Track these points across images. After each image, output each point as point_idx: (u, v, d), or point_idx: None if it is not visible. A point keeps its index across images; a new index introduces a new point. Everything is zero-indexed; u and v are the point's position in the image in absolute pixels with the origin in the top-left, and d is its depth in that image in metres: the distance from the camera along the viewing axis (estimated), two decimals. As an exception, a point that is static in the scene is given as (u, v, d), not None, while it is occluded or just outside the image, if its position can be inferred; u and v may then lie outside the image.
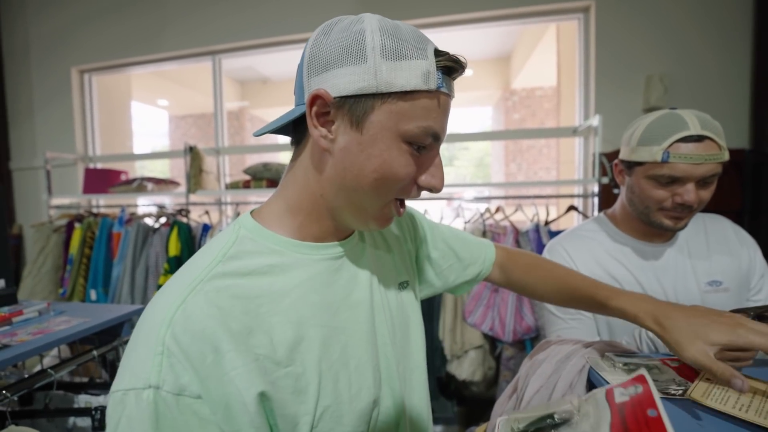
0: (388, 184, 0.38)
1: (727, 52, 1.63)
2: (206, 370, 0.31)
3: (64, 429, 0.84)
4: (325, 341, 0.38)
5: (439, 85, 0.36)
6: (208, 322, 0.33)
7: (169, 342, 0.31)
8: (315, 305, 0.39)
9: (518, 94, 5.21)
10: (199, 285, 0.35)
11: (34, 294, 2.09)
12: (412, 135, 0.37)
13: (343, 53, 0.35)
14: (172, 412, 0.30)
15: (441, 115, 0.38)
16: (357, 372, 0.40)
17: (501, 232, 1.61)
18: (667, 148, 0.68)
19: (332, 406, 0.37)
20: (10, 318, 0.84)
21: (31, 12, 2.49)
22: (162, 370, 0.30)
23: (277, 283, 0.38)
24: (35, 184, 2.49)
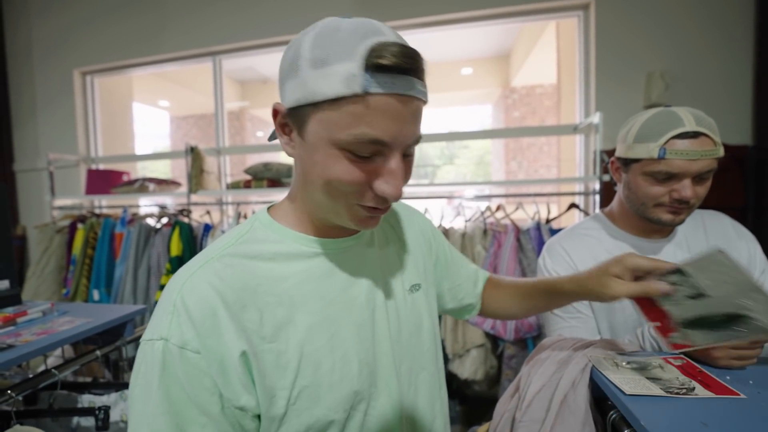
0: (337, 188, 0.38)
1: (729, 47, 1.62)
2: (205, 330, 0.36)
3: (68, 428, 0.85)
4: (312, 327, 0.41)
5: (366, 87, 0.33)
6: (210, 291, 0.38)
7: (178, 304, 0.37)
8: (308, 294, 0.42)
9: (518, 92, 5.19)
10: (210, 261, 0.40)
11: (37, 294, 2.10)
12: (345, 143, 0.36)
13: (289, 68, 0.38)
14: (175, 361, 0.35)
15: (379, 118, 0.35)
16: (342, 361, 0.42)
17: (502, 231, 1.61)
18: (663, 145, 0.68)
19: (310, 387, 0.39)
20: (15, 318, 0.84)
21: (34, 14, 2.50)
22: (171, 326, 0.36)
23: (278, 269, 0.42)
24: (38, 186, 2.50)
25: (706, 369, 0.59)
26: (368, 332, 0.45)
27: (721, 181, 1.69)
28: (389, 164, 0.38)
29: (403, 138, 0.37)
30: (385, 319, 0.47)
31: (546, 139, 5.27)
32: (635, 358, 0.63)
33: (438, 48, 4.00)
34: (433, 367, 0.53)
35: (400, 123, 0.36)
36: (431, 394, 0.51)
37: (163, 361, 0.35)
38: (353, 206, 0.40)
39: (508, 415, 0.67)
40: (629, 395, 0.52)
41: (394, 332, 0.48)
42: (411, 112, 0.36)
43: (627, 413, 0.52)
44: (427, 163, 8.74)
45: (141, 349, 0.37)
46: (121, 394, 0.87)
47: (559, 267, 0.82)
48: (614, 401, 0.55)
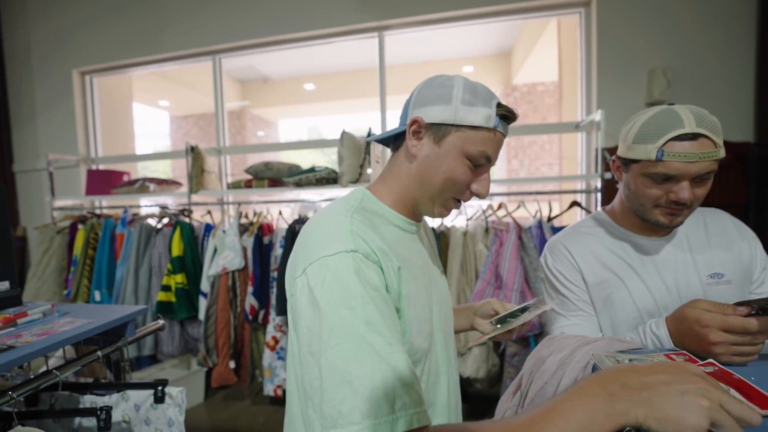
0: (450, 184, 0.56)
1: (731, 44, 1.61)
2: (377, 249, 0.49)
3: (70, 429, 0.85)
4: (409, 278, 0.53)
5: (496, 125, 0.55)
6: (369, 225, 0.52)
7: (355, 229, 0.49)
8: (405, 254, 0.55)
9: (519, 90, 5.18)
10: (354, 211, 0.53)
11: (38, 295, 2.10)
12: (472, 154, 0.55)
13: (438, 97, 0.55)
14: (366, 266, 0.47)
15: (495, 145, 0.56)
16: (424, 307, 0.55)
17: (504, 229, 1.61)
18: (661, 147, 0.67)
19: (414, 319, 0.52)
20: (15, 319, 0.84)
21: (32, 15, 2.49)
22: (356, 242, 0.48)
23: (383, 232, 0.54)
24: (38, 186, 2.50)
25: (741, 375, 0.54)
26: (428, 298, 0.58)
27: (722, 179, 1.69)
28: (485, 174, 0.58)
29: (496, 159, 0.58)
30: (434, 287, 0.62)
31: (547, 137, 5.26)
32: (637, 356, 0.62)
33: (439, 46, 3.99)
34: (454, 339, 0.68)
35: (499, 150, 0.58)
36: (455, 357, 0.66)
37: (357, 266, 0.46)
38: (449, 198, 0.58)
39: (510, 413, 0.66)
40: None
41: (439, 300, 0.61)
42: (502, 145, 0.58)
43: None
44: (427, 161, 8.73)
45: (321, 266, 0.46)
46: (123, 394, 0.87)
47: (561, 266, 0.82)
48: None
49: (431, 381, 0.56)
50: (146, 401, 0.86)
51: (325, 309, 0.43)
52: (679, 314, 0.65)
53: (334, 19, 1.99)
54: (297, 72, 4.78)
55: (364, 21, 1.98)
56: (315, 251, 0.48)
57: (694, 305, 0.63)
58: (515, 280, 1.53)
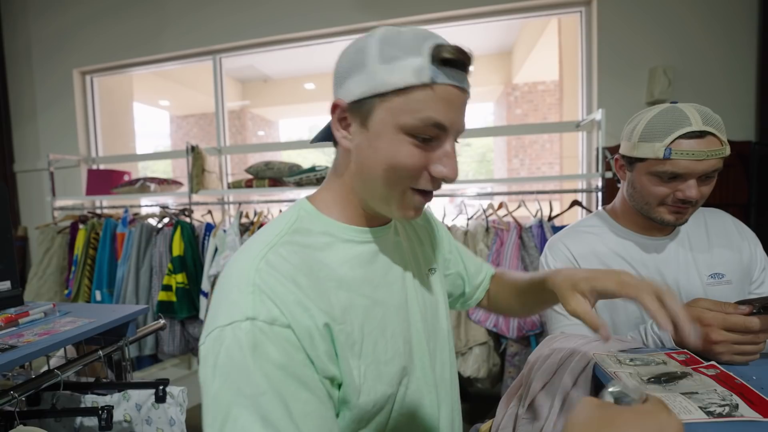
0: (396, 173, 0.42)
1: (732, 43, 1.61)
2: (290, 304, 0.38)
3: (72, 428, 0.85)
4: (368, 310, 0.44)
5: (433, 77, 0.39)
6: (288, 269, 0.40)
7: (259, 282, 0.38)
8: (360, 278, 0.45)
9: (520, 89, 5.18)
10: (274, 246, 0.42)
11: (39, 295, 2.11)
12: (411, 126, 0.41)
13: (352, 66, 0.42)
14: (267, 338, 0.35)
15: (442, 105, 0.40)
16: (392, 340, 0.46)
17: (504, 228, 1.61)
18: (669, 145, 0.67)
19: (372, 365, 0.43)
20: (17, 319, 0.84)
21: (33, 14, 2.49)
22: (255, 305, 0.37)
23: (330, 257, 0.45)
24: (39, 186, 2.50)
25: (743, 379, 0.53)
26: (404, 312, 0.49)
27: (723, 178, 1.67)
28: (445, 147, 0.43)
29: (457, 125, 0.43)
30: (415, 299, 0.52)
31: (548, 136, 5.25)
32: (638, 355, 0.62)
33: (438, 45, 3.98)
34: (451, 343, 0.58)
35: (456, 111, 0.42)
36: (449, 371, 0.56)
37: (253, 341, 0.35)
38: (406, 192, 0.44)
39: (510, 412, 0.66)
40: None
41: (423, 312, 0.52)
42: (463, 103, 0.43)
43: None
44: (428, 161, 8.72)
45: (217, 337, 0.36)
46: (124, 394, 0.87)
47: (561, 264, 0.82)
48: (618, 399, 0.55)
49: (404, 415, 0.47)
50: (147, 401, 0.87)
51: (216, 399, 0.34)
52: None
53: (334, 18, 1.99)
54: (297, 71, 4.78)
55: (365, 21, 1.98)
56: (213, 316, 0.38)
57: (695, 304, 0.63)
58: (516, 280, 1.53)
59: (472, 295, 0.71)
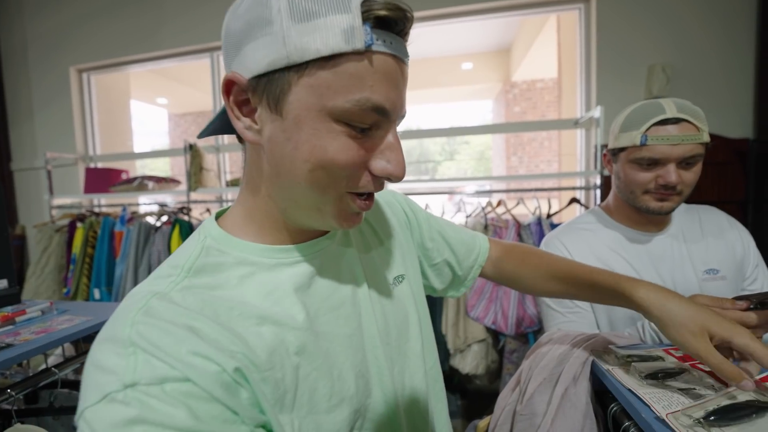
0: (328, 174, 0.32)
1: (731, 40, 1.61)
2: (185, 356, 0.27)
3: (70, 427, 0.85)
4: (304, 347, 0.34)
5: (368, 42, 0.29)
6: (177, 313, 0.30)
7: (136, 339, 0.27)
8: (290, 310, 0.35)
9: (519, 87, 5.17)
10: (160, 295, 0.31)
11: (38, 294, 2.10)
12: (344, 111, 0.30)
13: (251, 25, 0.30)
14: (160, 400, 0.25)
15: (382, 81, 0.30)
16: (339, 381, 0.36)
17: (503, 226, 1.61)
18: (645, 132, 0.71)
19: (309, 417, 0.33)
20: (14, 317, 0.84)
21: (29, 12, 2.48)
22: (136, 367, 0.26)
23: (250, 293, 0.34)
24: (36, 185, 2.49)
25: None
26: (358, 340, 0.39)
27: (721, 175, 1.69)
28: (388, 138, 0.33)
29: (400, 108, 0.33)
30: (372, 321, 0.41)
31: (547, 133, 5.26)
32: (636, 351, 0.62)
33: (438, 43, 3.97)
34: (427, 365, 0.48)
35: (398, 90, 0.32)
36: (427, 390, 0.47)
37: (139, 412, 0.25)
38: (343, 197, 0.34)
39: (509, 408, 0.66)
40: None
41: (383, 333, 0.42)
42: (405, 80, 0.33)
43: (628, 406, 0.51)
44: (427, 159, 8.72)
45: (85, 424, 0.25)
46: (122, 391, 0.87)
47: None
48: (615, 394, 0.55)
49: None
50: (146, 398, 0.86)
51: None
52: None
53: (332, 15, 1.98)
54: (295, 69, 4.76)
55: (363, 17, 1.97)
56: (83, 396, 0.27)
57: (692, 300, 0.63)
58: (514, 277, 1.53)
59: (466, 276, 0.63)
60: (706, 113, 0.73)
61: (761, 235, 0.83)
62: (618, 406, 0.55)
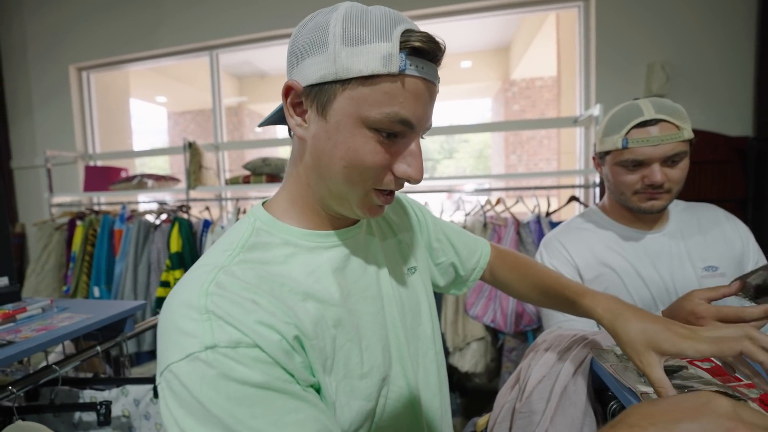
0: (357, 171, 0.38)
1: (730, 38, 1.61)
2: (253, 324, 0.33)
3: (70, 424, 0.85)
4: (340, 321, 0.41)
5: (402, 68, 0.35)
6: (242, 287, 0.35)
7: (213, 307, 0.33)
8: (329, 288, 0.41)
9: (518, 85, 5.16)
10: (225, 267, 0.37)
11: (38, 292, 2.10)
12: (376, 121, 0.36)
13: (311, 44, 0.37)
14: (236, 361, 0.31)
15: (410, 99, 0.36)
16: (368, 352, 0.42)
17: (502, 224, 1.61)
18: (625, 135, 0.73)
19: (344, 381, 0.39)
20: (14, 315, 0.84)
21: (28, 10, 2.47)
22: (214, 331, 0.32)
23: (295, 270, 0.41)
24: (36, 183, 2.49)
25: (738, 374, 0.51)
26: (382, 318, 0.46)
27: (721, 173, 1.69)
28: (411, 147, 0.39)
29: (425, 122, 0.39)
30: (392, 304, 0.48)
31: (546, 132, 5.25)
32: (635, 349, 0.62)
33: (437, 41, 3.96)
34: (436, 348, 0.54)
35: (425, 107, 0.38)
36: (436, 373, 0.52)
37: (221, 370, 0.30)
38: (369, 192, 0.40)
39: (508, 406, 0.67)
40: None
41: (401, 315, 0.49)
42: (432, 98, 0.39)
43: (627, 403, 0.52)
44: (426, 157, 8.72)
45: (173, 377, 0.31)
46: (122, 389, 0.87)
47: (557, 261, 0.83)
48: (615, 392, 0.55)
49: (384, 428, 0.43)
50: (146, 396, 0.87)
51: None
52: (675, 307, 0.66)
53: (332, 13, 1.97)
54: (295, 67, 4.75)
55: (362, 15, 1.97)
56: (164, 352, 0.33)
57: (689, 297, 0.64)
58: (514, 275, 1.53)
59: (468, 277, 0.68)
60: (706, 111, 0.73)
61: (761, 233, 0.83)
62: (617, 403, 0.56)
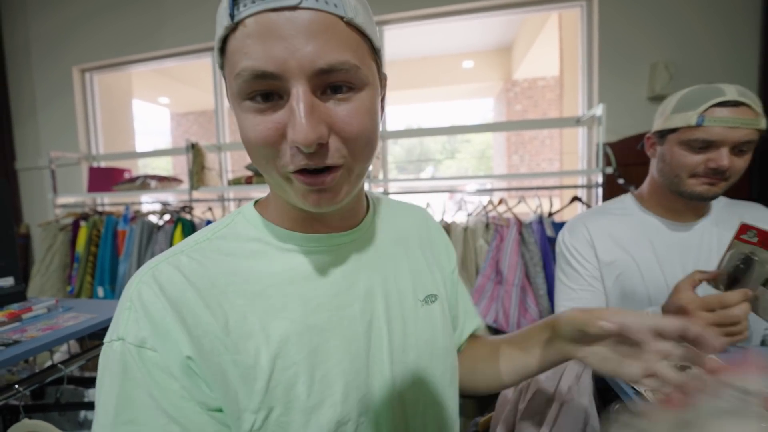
0: (254, 152, 0.32)
1: (734, 37, 1.60)
2: (163, 327, 0.31)
3: (76, 422, 0.86)
4: (289, 338, 0.34)
5: (232, 12, 0.28)
6: (171, 286, 0.33)
7: (135, 298, 0.33)
8: (289, 297, 0.36)
9: (520, 85, 5.16)
10: (177, 254, 0.36)
11: (43, 292, 2.12)
12: (238, 90, 0.29)
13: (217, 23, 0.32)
14: (135, 361, 0.31)
15: (257, 43, 0.28)
16: (322, 383, 0.34)
17: (504, 225, 1.61)
18: (702, 113, 0.68)
19: (277, 411, 0.33)
20: (20, 315, 0.85)
21: (31, 12, 2.49)
22: (128, 323, 0.32)
23: (256, 268, 0.36)
24: (40, 184, 2.51)
25: None
26: (361, 348, 0.37)
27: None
28: (290, 103, 0.29)
29: (298, 61, 0.28)
30: (385, 333, 0.39)
31: (548, 132, 5.24)
32: (638, 349, 0.62)
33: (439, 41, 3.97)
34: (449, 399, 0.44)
35: (286, 42, 0.27)
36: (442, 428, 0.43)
37: (123, 363, 0.31)
38: (288, 176, 0.32)
39: (511, 406, 0.67)
40: None
41: (398, 351, 0.40)
42: (303, 27, 0.27)
43: (630, 402, 0.52)
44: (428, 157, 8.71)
45: (102, 353, 0.33)
46: (127, 388, 0.88)
47: (577, 242, 0.84)
48: (617, 391, 0.55)
49: None
50: (150, 395, 0.87)
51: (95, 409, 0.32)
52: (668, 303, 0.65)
53: (333, 14, 1.97)
54: (297, 68, 4.76)
55: (364, 16, 1.97)
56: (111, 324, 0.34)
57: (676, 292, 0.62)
58: (516, 276, 1.53)
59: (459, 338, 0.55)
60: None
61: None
62: (619, 403, 0.56)
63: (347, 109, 0.30)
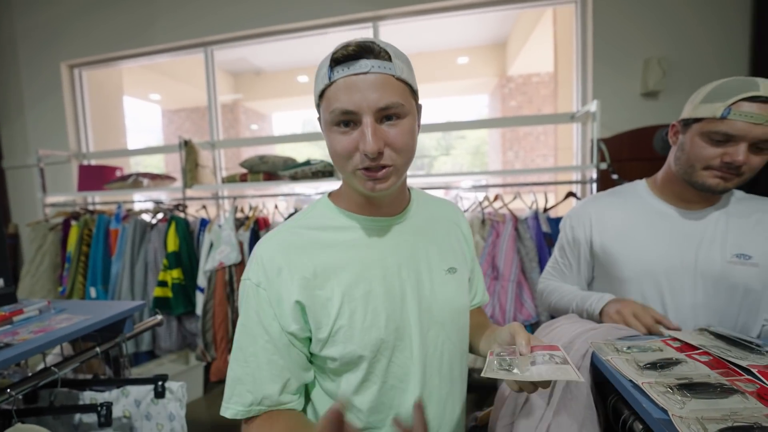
0: (337, 158, 0.51)
1: (726, 33, 1.62)
2: (272, 277, 0.53)
3: (71, 425, 0.85)
4: (352, 282, 0.54)
5: (330, 77, 0.48)
6: (277, 252, 0.55)
7: (258, 256, 0.55)
8: (351, 258, 0.55)
9: (515, 81, 5.16)
10: (281, 231, 0.57)
11: (33, 293, 2.08)
12: (330, 120, 0.49)
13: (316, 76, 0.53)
14: (253, 294, 0.54)
15: (344, 93, 0.47)
16: (372, 313, 0.54)
17: (500, 220, 1.61)
18: (729, 105, 0.67)
19: (345, 327, 0.53)
20: (11, 317, 0.83)
21: (18, 6, 2.43)
22: (252, 270, 0.55)
23: (329, 237, 0.56)
24: (29, 183, 2.46)
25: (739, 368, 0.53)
26: (397, 296, 0.56)
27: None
28: (362, 127, 0.48)
29: (368, 103, 0.47)
30: (415, 289, 0.57)
31: (543, 128, 5.26)
32: (635, 343, 0.63)
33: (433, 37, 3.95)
34: (461, 342, 0.63)
35: (362, 92, 0.47)
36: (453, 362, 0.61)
37: (247, 294, 0.54)
38: (356, 173, 0.51)
39: (510, 401, 0.67)
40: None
41: (425, 303, 0.58)
42: (371, 84, 0.47)
43: (628, 396, 0.52)
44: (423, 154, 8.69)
45: (241, 283, 0.56)
46: (123, 390, 0.87)
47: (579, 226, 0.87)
48: (615, 385, 0.56)
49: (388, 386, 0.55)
50: (147, 396, 0.86)
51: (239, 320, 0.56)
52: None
53: (327, 9, 1.96)
54: (290, 64, 4.72)
55: (359, 11, 1.95)
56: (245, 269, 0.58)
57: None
58: (512, 271, 1.54)
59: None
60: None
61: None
62: (618, 396, 0.56)
63: (396, 131, 0.49)
